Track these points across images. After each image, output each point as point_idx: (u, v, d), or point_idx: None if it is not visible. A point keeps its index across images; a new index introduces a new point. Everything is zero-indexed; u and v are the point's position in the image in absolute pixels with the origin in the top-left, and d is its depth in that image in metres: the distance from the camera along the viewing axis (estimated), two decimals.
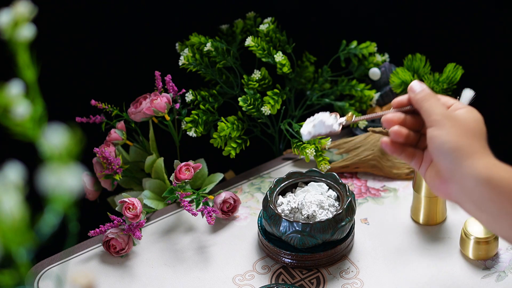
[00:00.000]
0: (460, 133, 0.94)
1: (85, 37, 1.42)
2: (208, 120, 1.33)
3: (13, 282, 0.71)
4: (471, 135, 0.95)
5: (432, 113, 0.96)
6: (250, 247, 1.22)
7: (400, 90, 1.35)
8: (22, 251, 0.70)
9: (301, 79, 1.40)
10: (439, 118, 0.95)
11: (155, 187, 1.31)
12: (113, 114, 1.32)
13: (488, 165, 0.92)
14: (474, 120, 0.96)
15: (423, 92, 0.99)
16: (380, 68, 1.40)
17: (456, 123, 0.95)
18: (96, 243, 1.23)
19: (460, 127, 0.95)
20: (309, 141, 1.30)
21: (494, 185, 0.91)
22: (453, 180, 0.94)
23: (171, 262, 1.20)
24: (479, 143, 0.95)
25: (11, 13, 0.71)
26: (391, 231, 1.24)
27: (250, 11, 1.41)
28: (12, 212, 0.66)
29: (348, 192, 1.20)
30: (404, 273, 1.18)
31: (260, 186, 1.33)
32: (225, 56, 1.33)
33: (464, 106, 0.98)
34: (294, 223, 1.15)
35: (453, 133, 0.94)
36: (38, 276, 1.18)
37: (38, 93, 0.71)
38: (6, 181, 0.67)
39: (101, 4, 1.39)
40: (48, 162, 0.66)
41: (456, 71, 1.34)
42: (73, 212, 0.70)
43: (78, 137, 0.66)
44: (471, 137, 0.94)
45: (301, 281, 1.17)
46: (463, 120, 0.96)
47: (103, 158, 1.27)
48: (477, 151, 0.93)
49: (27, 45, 0.71)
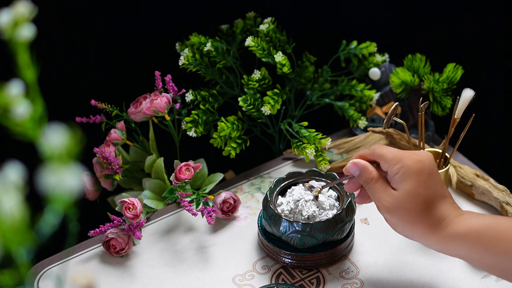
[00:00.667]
0: (406, 221, 1.03)
1: (85, 37, 1.42)
2: (208, 120, 1.33)
3: (13, 282, 0.71)
4: (415, 218, 1.03)
5: (376, 205, 1.06)
6: (250, 247, 1.22)
7: (400, 90, 1.35)
8: (22, 251, 0.70)
9: (301, 79, 1.40)
10: (383, 212, 1.05)
11: (155, 187, 1.31)
12: (113, 114, 1.32)
13: (439, 239, 1.02)
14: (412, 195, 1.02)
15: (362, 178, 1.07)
16: (380, 68, 1.40)
17: (398, 212, 1.03)
18: (96, 243, 1.23)
19: (403, 214, 1.03)
20: (309, 142, 1.30)
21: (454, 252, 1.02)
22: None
23: (171, 262, 1.20)
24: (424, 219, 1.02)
25: (11, 13, 0.71)
26: (391, 231, 1.24)
27: (250, 11, 1.41)
28: (12, 212, 0.66)
29: (348, 192, 1.20)
30: (404, 273, 1.18)
31: (260, 186, 1.33)
32: (225, 56, 1.33)
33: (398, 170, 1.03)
34: (294, 223, 1.15)
35: (399, 222, 1.04)
36: (38, 276, 1.18)
37: (38, 93, 0.71)
38: (6, 181, 0.67)
39: (101, 4, 1.39)
40: (48, 162, 0.66)
41: (456, 71, 1.34)
42: (73, 212, 0.70)
43: (78, 137, 0.66)
44: (416, 219, 1.03)
45: (301, 281, 1.17)
46: (402, 205, 1.03)
47: (103, 158, 1.27)
48: (424, 231, 1.02)
49: (27, 45, 0.71)
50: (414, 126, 1.39)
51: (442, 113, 1.35)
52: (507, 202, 1.23)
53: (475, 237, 0.99)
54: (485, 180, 1.28)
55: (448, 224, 1.01)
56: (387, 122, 1.16)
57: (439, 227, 1.01)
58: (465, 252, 1.01)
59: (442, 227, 1.01)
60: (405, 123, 1.20)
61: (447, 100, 1.34)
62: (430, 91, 1.34)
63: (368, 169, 1.06)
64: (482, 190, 1.27)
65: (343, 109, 1.38)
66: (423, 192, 1.02)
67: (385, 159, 1.04)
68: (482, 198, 1.27)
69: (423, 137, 1.19)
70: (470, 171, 1.30)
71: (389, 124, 1.16)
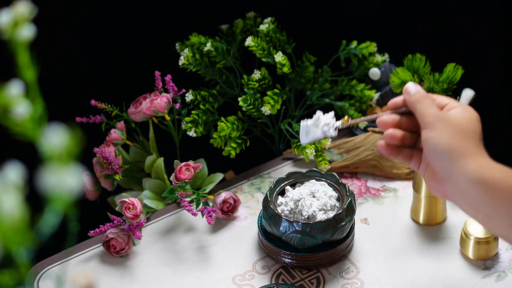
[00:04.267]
0: (453, 134, 0.95)
1: (85, 37, 1.42)
2: (208, 120, 1.33)
3: (13, 282, 0.71)
4: (464, 136, 0.95)
5: (425, 115, 0.97)
6: (250, 247, 1.22)
7: (400, 90, 1.35)
8: (22, 251, 0.70)
9: (301, 79, 1.40)
10: (431, 120, 0.96)
11: (155, 187, 1.31)
12: (113, 114, 1.32)
13: (481, 165, 0.93)
14: (467, 120, 0.97)
15: (417, 94, 0.99)
16: (380, 68, 1.40)
17: (449, 125, 0.96)
18: (96, 243, 1.23)
19: (453, 128, 0.95)
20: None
21: (487, 185, 0.92)
22: (448, 181, 0.95)
23: (171, 262, 1.20)
24: (473, 143, 0.95)
25: (11, 13, 0.71)
26: (391, 231, 1.24)
27: (250, 11, 1.41)
28: (12, 212, 0.66)
29: (348, 192, 1.20)
30: (404, 273, 1.18)
31: (260, 186, 1.33)
32: (225, 56, 1.33)
33: (459, 105, 0.99)
34: (294, 223, 1.15)
35: (445, 134, 0.95)
36: (38, 276, 1.18)
37: (38, 93, 0.71)
38: (6, 181, 0.67)
39: (101, 4, 1.39)
40: (48, 162, 0.66)
41: (456, 71, 1.34)
42: (73, 212, 0.70)
43: (78, 137, 0.66)
44: (464, 137, 0.95)
45: (301, 281, 1.17)
46: (456, 121, 0.96)
47: (103, 158, 1.27)
48: (470, 152, 0.94)
49: (27, 45, 0.71)
50: None
51: None
52: None
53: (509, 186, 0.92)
54: None
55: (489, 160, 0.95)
56: None
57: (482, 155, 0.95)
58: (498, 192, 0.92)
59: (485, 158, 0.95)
60: None
61: None
62: (430, 91, 1.34)
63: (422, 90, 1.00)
64: None
65: (343, 109, 1.38)
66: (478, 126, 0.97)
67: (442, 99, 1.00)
68: None
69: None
70: None
71: None
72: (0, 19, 0.71)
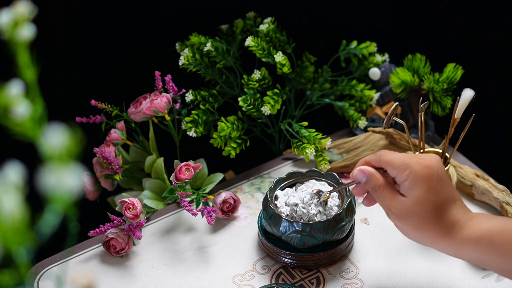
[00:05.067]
0: (417, 228, 1.02)
1: (85, 37, 1.42)
2: (208, 120, 1.33)
3: (13, 282, 0.71)
4: (427, 224, 1.01)
5: (385, 212, 1.05)
6: (250, 247, 1.22)
7: (400, 90, 1.35)
8: (22, 251, 0.70)
9: (301, 79, 1.40)
10: (393, 219, 1.04)
11: (155, 187, 1.31)
12: (113, 114, 1.32)
13: (452, 244, 1.00)
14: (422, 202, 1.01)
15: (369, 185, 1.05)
16: (380, 68, 1.40)
17: (409, 220, 1.02)
18: (96, 243, 1.23)
19: (414, 222, 1.02)
20: (309, 142, 1.30)
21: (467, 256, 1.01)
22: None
23: (171, 262, 1.20)
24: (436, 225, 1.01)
25: (11, 13, 0.71)
26: (391, 231, 1.24)
27: (250, 11, 1.41)
28: (12, 212, 0.66)
29: (348, 192, 1.20)
30: (404, 273, 1.18)
31: (260, 186, 1.33)
32: (225, 56, 1.33)
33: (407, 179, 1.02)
34: (294, 223, 1.15)
35: (410, 230, 1.03)
36: (38, 276, 1.18)
37: (38, 93, 0.71)
38: (6, 181, 0.67)
39: (101, 4, 1.39)
40: (48, 162, 0.66)
41: (456, 71, 1.34)
42: (73, 212, 0.70)
43: (78, 137, 0.66)
44: (427, 226, 1.01)
45: (301, 281, 1.17)
46: (412, 212, 1.01)
47: (103, 158, 1.27)
48: (436, 236, 1.01)
49: (27, 45, 0.71)
50: (414, 126, 1.39)
51: (442, 113, 1.35)
52: (507, 202, 1.23)
53: (487, 241, 0.98)
54: (485, 180, 1.28)
55: (460, 229, 1.00)
56: (387, 122, 1.16)
57: (451, 232, 1.00)
58: (478, 256, 1.00)
59: (454, 232, 1.00)
60: (405, 123, 1.20)
61: (447, 100, 1.34)
62: (430, 91, 1.34)
63: (375, 176, 1.04)
64: (482, 190, 1.27)
65: (343, 109, 1.38)
66: (433, 198, 1.00)
67: (392, 166, 1.02)
68: (482, 198, 1.27)
69: (423, 137, 1.19)
70: (470, 171, 1.30)
71: (389, 124, 1.16)
72: (0, 19, 0.71)
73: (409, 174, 1.01)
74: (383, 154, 1.04)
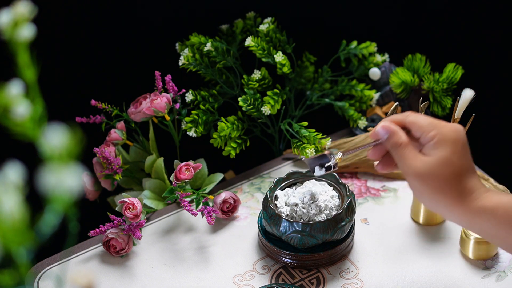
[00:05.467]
0: (435, 189, 0.98)
1: (85, 37, 1.42)
2: (208, 120, 1.33)
3: (13, 282, 0.71)
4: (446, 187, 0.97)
5: (404, 172, 0.99)
6: (250, 247, 1.22)
7: (400, 90, 1.35)
8: (22, 251, 0.70)
9: (301, 79, 1.40)
10: (412, 179, 0.98)
11: (155, 187, 1.31)
12: (113, 114, 1.32)
13: (466, 212, 0.97)
14: (445, 163, 0.98)
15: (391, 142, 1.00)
16: (380, 68, 1.40)
17: (429, 181, 0.97)
18: (96, 243, 1.23)
19: (433, 183, 0.97)
20: (309, 142, 1.30)
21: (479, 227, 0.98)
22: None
23: (171, 262, 1.20)
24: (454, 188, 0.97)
25: (11, 13, 0.71)
26: (391, 231, 1.24)
27: (250, 11, 1.41)
28: (12, 212, 0.66)
29: (348, 192, 1.20)
30: (404, 273, 1.17)
31: (260, 186, 1.33)
32: (225, 56, 1.33)
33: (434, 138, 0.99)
34: (294, 223, 1.15)
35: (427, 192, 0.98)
36: (38, 276, 1.18)
37: (38, 93, 0.71)
38: (6, 181, 0.67)
39: (101, 4, 1.39)
40: (48, 162, 0.66)
41: (456, 71, 1.34)
42: (73, 212, 0.70)
43: (78, 137, 0.66)
44: (446, 189, 0.97)
45: (301, 281, 1.17)
46: (434, 172, 0.97)
47: (103, 158, 1.27)
48: (452, 202, 0.97)
49: (27, 45, 0.71)
50: None
51: (442, 113, 1.35)
52: None
53: (504, 212, 0.96)
54: (485, 180, 1.28)
55: (476, 198, 0.97)
56: None
57: (467, 199, 0.97)
58: (490, 228, 0.97)
59: (471, 200, 0.97)
60: None
61: (447, 100, 1.34)
62: (430, 91, 1.34)
63: (398, 133, 1.00)
64: None
65: (343, 109, 1.38)
66: (456, 162, 0.98)
67: (419, 125, 0.99)
68: None
69: None
70: None
71: None
72: (0, 19, 0.71)
73: (436, 134, 0.98)
74: (409, 114, 1.01)
